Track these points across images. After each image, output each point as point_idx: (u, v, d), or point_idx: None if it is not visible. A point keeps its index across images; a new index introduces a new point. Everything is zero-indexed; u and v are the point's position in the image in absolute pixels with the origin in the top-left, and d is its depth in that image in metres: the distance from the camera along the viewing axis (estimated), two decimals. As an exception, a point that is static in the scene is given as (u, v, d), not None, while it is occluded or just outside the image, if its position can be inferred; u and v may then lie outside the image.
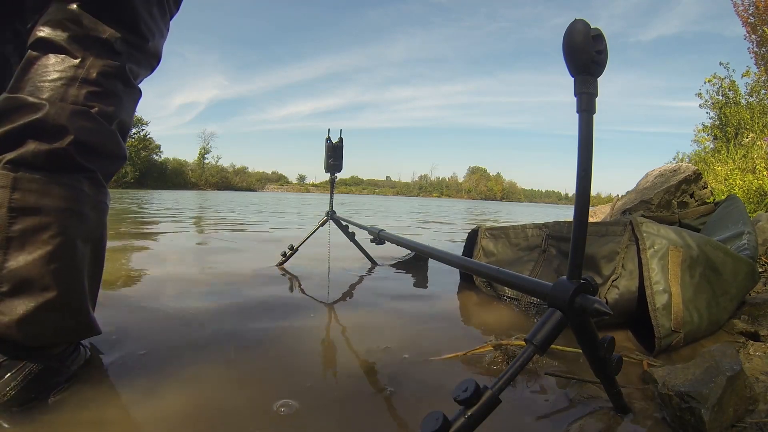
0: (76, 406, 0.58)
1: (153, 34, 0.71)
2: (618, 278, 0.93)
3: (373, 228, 1.25)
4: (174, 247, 2.12)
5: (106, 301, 1.02)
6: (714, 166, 4.24)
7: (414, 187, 75.15)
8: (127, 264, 1.61)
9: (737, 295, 1.00)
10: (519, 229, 1.25)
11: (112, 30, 0.64)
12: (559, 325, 0.46)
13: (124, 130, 0.69)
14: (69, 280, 0.60)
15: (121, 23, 0.65)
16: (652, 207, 2.41)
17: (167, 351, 0.78)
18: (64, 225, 0.59)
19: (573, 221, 0.47)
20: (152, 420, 0.56)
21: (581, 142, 0.46)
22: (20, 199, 0.56)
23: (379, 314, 1.09)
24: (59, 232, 0.59)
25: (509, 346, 0.82)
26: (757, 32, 6.61)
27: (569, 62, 0.45)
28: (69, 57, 0.61)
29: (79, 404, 0.58)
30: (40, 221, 0.57)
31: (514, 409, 0.61)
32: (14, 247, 0.56)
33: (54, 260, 0.58)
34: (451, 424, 0.39)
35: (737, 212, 1.46)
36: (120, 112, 0.66)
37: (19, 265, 0.56)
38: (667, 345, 0.81)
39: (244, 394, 0.64)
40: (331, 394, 0.66)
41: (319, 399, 0.64)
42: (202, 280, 1.37)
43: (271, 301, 1.17)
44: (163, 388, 0.64)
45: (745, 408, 0.57)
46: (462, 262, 0.75)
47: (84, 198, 0.62)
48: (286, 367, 0.75)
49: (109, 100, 0.64)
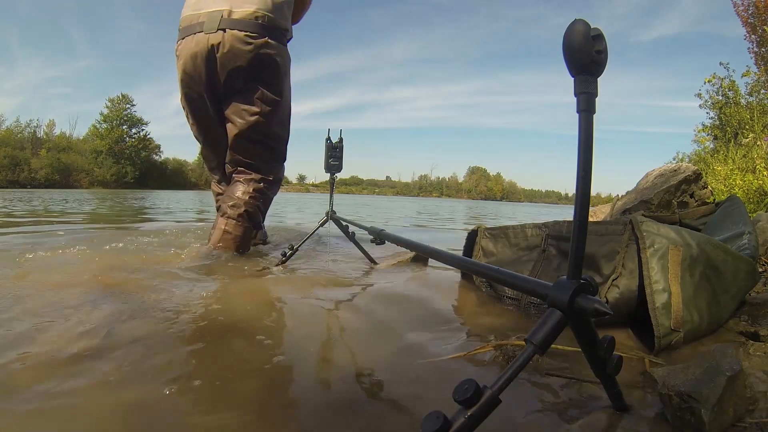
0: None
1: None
2: (618, 277, 0.93)
3: (373, 228, 1.25)
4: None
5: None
6: (714, 166, 4.24)
7: (414, 187, 75.11)
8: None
9: (737, 294, 1.00)
10: (518, 228, 1.25)
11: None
12: (559, 325, 0.46)
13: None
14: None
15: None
16: (652, 207, 2.40)
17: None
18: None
19: (573, 221, 0.47)
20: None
21: (581, 142, 0.46)
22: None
23: (379, 314, 1.09)
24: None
25: (509, 346, 0.82)
26: (757, 32, 6.61)
27: (569, 62, 0.45)
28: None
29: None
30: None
31: (514, 409, 0.61)
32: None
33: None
34: (451, 424, 0.39)
35: (738, 212, 1.46)
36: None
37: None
38: (666, 344, 0.81)
39: (246, 395, 0.64)
40: (330, 394, 0.66)
41: (318, 399, 0.64)
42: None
43: (269, 300, 1.17)
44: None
45: (745, 408, 0.57)
46: (462, 262, 0.75)
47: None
48: (283, 368, 0.75)
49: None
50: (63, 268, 1.38)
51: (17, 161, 29.46)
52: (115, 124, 36.62)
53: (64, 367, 0.68)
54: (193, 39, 1.60)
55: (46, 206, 5.49)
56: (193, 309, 1.00)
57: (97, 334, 0.82)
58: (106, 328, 0.85)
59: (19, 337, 0.79)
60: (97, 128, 36.58)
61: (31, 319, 0.88)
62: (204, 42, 1.58)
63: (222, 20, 1.56)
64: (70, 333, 0.82)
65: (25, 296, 1.04)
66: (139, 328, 0.86)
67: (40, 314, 0.91)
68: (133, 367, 0.70)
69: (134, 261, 1.52)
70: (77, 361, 0.71)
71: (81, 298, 1.04)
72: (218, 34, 1.56)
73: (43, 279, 1.22)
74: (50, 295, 1.06)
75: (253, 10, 1.60)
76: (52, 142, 36.29)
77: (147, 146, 38.52)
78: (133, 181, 35.03)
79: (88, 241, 1.92)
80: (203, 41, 1.58)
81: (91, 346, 0.76)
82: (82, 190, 23.01)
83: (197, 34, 1.60)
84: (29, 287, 1.13)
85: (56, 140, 36.88)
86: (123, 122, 37.09)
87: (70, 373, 0.66)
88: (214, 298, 1.12)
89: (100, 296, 1.07)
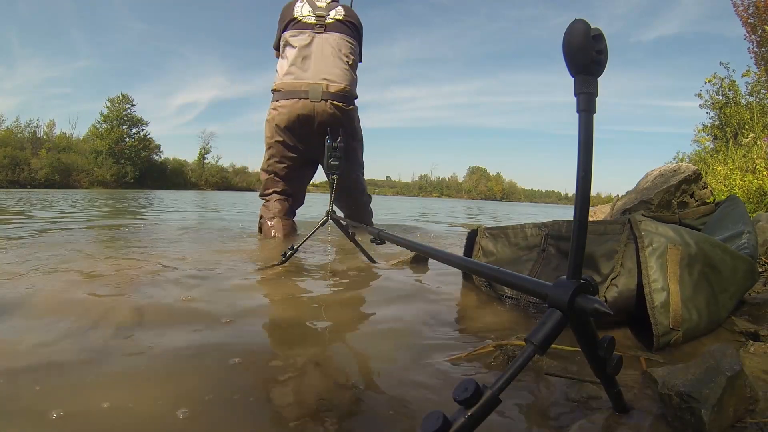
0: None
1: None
2: (617, 276, 0.93)
3: (373, 228, 1.25)
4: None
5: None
6: (714, 166, 4.24)
7: (414, 187, 75.08)
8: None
9: (737, 293, 1.00)
10: (518, 228, 1.25)
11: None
12: (559, 325, 0.46)
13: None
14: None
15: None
16: (652, 207, 2.40)
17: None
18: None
19: (573, 221, 0.47)
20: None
21: (581, 142, 0.46)
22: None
23: (379, 314, 1.09)
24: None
25: (509, 346, 0.82)
26: (757, 32, 6.60)
27: (569, 62, 0.45)
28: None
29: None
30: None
31: (514, 409, 0.61)
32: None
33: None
34: (451, 424, 0.39)
35: (737, 212, 1.46)
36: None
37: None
38: (665, 343, 0.81)
39: (248, 392, 0.64)
40: (328, 394, 0.66)
41: (314, 399, 0.64)
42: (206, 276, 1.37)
43: (268, 300, 1.17)
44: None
45: (745, 408, 0.57)
46: (462, 262, 0.75)
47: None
48: (282, 367, 0.75)
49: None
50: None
51: (17, 161, 29.42)
52: (115, 124, 36.60)
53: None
54: (299, 102, 2.28)
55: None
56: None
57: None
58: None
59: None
60: (97, 128, 36.56)
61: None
62: (310, 107, 2.27)
63: (323, 93, 2.26)
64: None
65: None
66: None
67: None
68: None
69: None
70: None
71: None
72: (321, 103, 2.27)
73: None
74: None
75: (343, 86, 2.33)
76: (52, 142, 36.26)
77: (147, 146, 38.50)
78: (133, 181, 35.00)
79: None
80: (309, 106, 2.27)
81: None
82: (82, 190, 23.00)
83: (302, 99, 2.27)
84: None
85: (56, 140, 36.86)
86: (123, 122, 37.06)
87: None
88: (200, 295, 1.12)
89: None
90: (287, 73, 2.33)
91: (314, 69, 2.30)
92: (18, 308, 0.97)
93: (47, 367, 0.68)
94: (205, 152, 46.31)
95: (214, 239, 2.37)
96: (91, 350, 0.76)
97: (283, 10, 2.47)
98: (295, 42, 2.33)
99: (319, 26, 2.34)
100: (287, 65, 2.34)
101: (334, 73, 2.32)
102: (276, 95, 2.36)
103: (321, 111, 2.27)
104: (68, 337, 0.81)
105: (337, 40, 2.36)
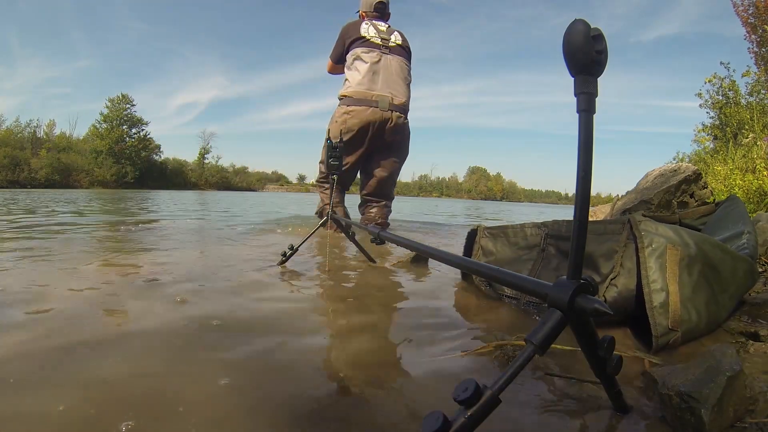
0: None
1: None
2: (616, 277, 0.93)
3: (373, 228, 1.25)
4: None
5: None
6: (714, 166, 4.24)
7: (414, 187, 75.04)
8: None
9: (736, 293, 1.00)
10: (518, 228, 1.25)
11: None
12: (559, 325, 0.46)
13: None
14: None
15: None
16: (652, 207, 2.41)
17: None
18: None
19: (573, 221, 0.47)
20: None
21: (581, 142, 0.46)
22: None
23: (379, 314, 1.09)
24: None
25: (509, 346, 0.82)
26: (757, 32, 6.60)
27: (569, 62, 0.45)
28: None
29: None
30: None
31: (514, 409, 0.61)
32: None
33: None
34: (451, 424, 0.39)
35: (737, 212, 1.46)
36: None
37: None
38: (664, 343, 0.81)
39: (252, 392, 0.64)
40: (327, 393, 0.66)
41: (313, 397, 0.64)
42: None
43: (269, 300, 1.17)
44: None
45: (745, 408, 0.57)
46: (461, 262, 0.75)
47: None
48: (281, 369, 0.75)
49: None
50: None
51: (17, 161, 29.42)
52: (115, 124, 36.59)
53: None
54: (369, 109, 2.62)
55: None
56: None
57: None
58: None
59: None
60: (97, 128, 36.54)
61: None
62: (379, 114, 2.63)
63: (390, 104, 2.65)
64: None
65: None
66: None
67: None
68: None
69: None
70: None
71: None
72: (388, 112, 2.65)
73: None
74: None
75: (404, 100, 2.73)
76: (52, 142, 36.26)
77: (147, 146, 38.47)
78: (133, 181, 34.99)
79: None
80: (378, 114, 2.63)
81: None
82: (82, 190, 22.99)
83: (372, 108, 2.62)
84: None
85: (56, 140, 36.86)
86: (123, 122, 37.04)
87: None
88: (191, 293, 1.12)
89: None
90: (360, 83, 2.67)
91: (382, 83, 2.68)
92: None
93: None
94: (205, 152, 46.37)
95: (212, 239, 2.36)
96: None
97: (348, 28, 2.80)
98: (366, 58, 2.67)
99: (385, 48, 2.73)
100: (360, 76, 2.68)
101: (398, 90, 2.71)
102: (346, 100, 2.68)
103: (387, 119, 2.66)
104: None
105: (399, 62, 2.76)
